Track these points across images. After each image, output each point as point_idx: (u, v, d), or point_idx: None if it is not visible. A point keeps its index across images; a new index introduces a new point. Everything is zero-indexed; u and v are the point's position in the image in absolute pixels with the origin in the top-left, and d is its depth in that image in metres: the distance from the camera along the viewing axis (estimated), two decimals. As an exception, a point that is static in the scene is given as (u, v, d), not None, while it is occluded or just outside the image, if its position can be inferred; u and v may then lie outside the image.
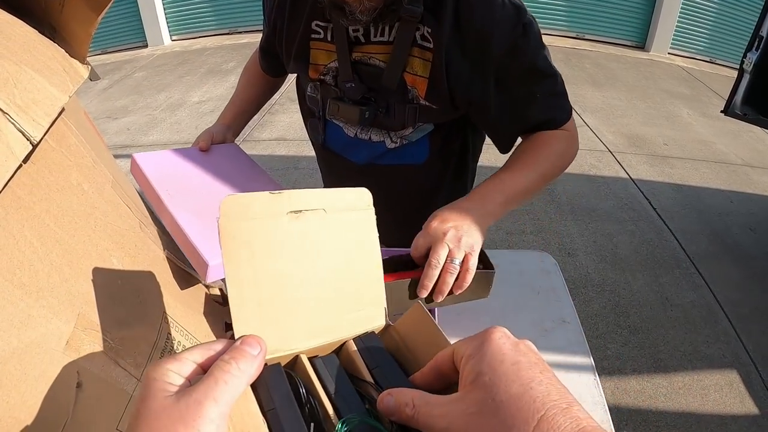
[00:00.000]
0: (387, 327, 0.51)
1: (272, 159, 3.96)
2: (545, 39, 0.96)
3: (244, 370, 0.35)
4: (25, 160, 0.50)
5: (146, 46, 7.62)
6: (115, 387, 0.58)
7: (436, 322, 0.46)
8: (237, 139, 1.18)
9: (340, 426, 0.38)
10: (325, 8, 0.95)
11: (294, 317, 0.45)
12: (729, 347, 2.41)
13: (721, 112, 3.26)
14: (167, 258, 0.72)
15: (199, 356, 0.36)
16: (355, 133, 1.10)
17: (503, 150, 1.06)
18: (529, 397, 0.31)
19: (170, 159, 0.95)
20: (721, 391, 2.19)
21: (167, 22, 7.75)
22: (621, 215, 3.35)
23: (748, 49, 3.00)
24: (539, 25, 0.96)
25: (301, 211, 0.46)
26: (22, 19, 0.62)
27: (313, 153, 1.31)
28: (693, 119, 5.09)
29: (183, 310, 0.69)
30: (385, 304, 0.51)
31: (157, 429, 0.30)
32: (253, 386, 0.39)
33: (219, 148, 1.08)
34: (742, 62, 3.03)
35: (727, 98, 3.21)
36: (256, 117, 5.11)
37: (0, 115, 0.47)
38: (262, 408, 0.38)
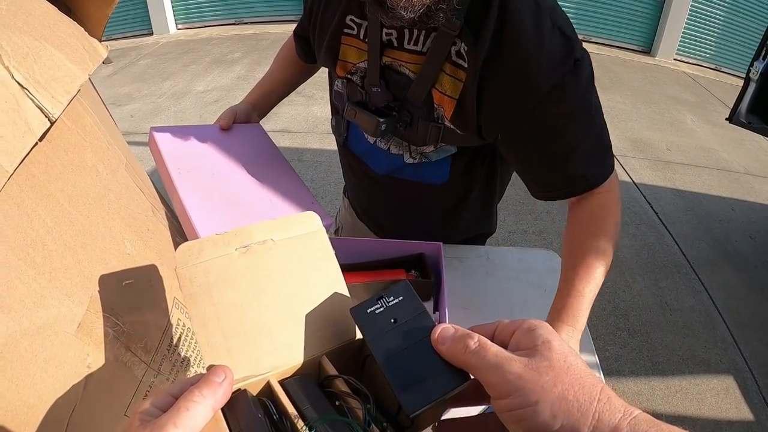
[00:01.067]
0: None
1: (275, 151, 3.92)
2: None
3: (206, 396, 0.38)
4: (41, 138, 0.50)
5: (152, 34, 7.58)
6: (125, 372, 0.58)
7: (446, 321, 0.46)
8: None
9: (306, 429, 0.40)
10: (362, 3, 0.89)
11: (260, 343, 0.47)
12: (726, 353, 2.41)
13: (726, 119, 3.25)
14: (178, 243, 0.71)
15: (177, 390, 0.39)
16: (375, 141, 1.05)
17: (536, 196, 0.95)
18: (590, 371, 0.37)
19: (188, 135, 0.93)
20: (717, 396, 2.19)
21: (173, 11, 7.71)
22: (623, 218, 3.32)
23: (755, 57, 2.99)
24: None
25: (248, 245, 0.49)
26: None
27: (317, 146, 1.29)
28: (697, 126, 5.08)
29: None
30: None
31: None
32: (226, 413, 0.41)
33: (241, 128, 1.05)
34: (749, 71, 3.02)
35: (732, 106, 3.20)
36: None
37: (19, 90, 0.46)
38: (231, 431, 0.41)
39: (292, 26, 1.15)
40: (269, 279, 0.49)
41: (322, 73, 1.12)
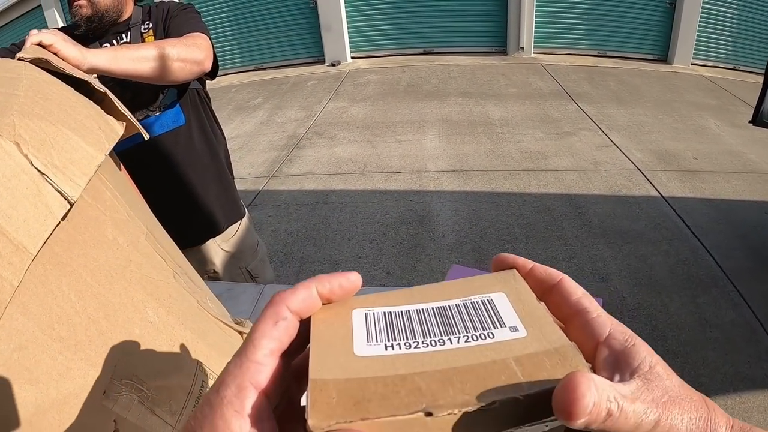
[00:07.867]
0: None
1: (301, 194, 3.99)
2: (566, 59, 0.92)
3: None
4: (63, 217, 0.52)
5: (174, 84, 7.82)
6: (152, 435, 0.59)
7: None
8: (267, 175, 1.17)
9: None
10: None
11: None
12: (772, 367, 2.32)
13: (750, 122, 3.17)
14: (201, 307, 0.74)
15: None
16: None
17: None
18: (695, 394, 0.29)
19: None
20: (764, 413, 2.11)
21: (194, 61, 7.96)
22: (654, 235, 3.29)
23: (774, 54, 2.94)
24: (560, 45, 0.92)
25: None
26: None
27: (341, 186, 1.31)
28: (721, 130, 5.01)
29: (218, 359, 0.70)
30: None
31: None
32: None
33: None
34: (767, 68, 2.95)
35: (754, 108, 3.12)
36: (284, 152, 4.98)
37: (38, 176, 0.49)
38: None
39: (311, 69, 1.20)
40: None
41: (342, 112, 1.12)
